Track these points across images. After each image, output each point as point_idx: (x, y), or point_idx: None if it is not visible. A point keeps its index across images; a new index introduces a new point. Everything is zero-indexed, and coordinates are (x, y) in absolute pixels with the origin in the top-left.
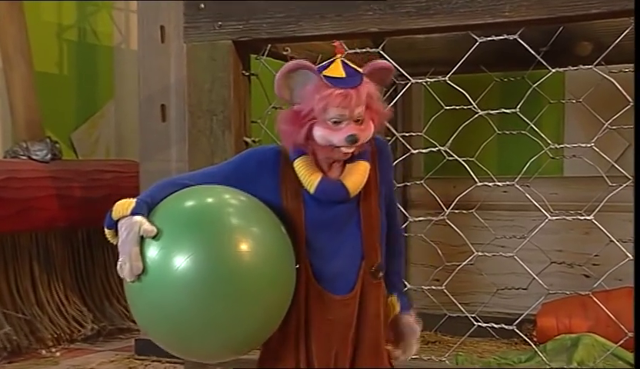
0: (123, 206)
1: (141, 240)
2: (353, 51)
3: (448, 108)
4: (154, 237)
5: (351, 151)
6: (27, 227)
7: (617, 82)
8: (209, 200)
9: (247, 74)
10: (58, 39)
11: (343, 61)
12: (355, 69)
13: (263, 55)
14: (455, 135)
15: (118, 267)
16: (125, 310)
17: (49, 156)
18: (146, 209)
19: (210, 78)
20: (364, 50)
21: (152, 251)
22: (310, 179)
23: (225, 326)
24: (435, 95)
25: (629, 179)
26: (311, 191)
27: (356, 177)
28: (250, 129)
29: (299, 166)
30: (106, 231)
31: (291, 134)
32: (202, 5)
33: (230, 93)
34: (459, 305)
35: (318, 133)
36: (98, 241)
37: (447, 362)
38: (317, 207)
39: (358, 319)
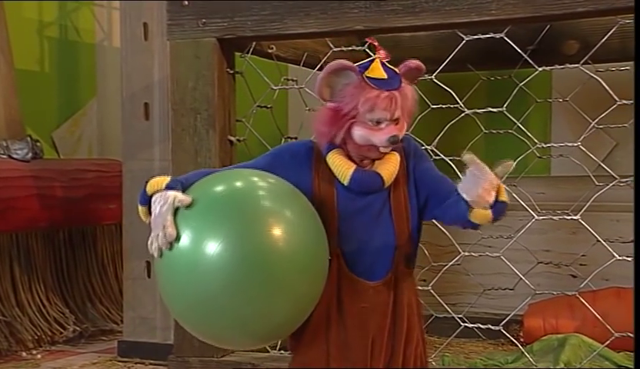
0: (158, 182)
1: (175, 225)
2: (339, 49)
3: (434, 106)
4: (187, 218)
5: (389, 150)
6: (7, 227)
7: (604, 81)
8: (241, 183)
9: (231, 72)
10: (39, 36)
11: (382, 62)
12: (394, 70)
13: (248, 53)
14: (441, 134)
15: (150, 242)
16: (107, 311)
17: (30, 155)
18: (180, 187)
19: (194, 76)
20: (350, 48)
21: (184, 236)
22: (344, 170)
23: (256, 313)
24: (421, 94)
25: (616, 179)
26: (346, 181)
27: (389, 166)
28: (235, 128)
29: (333, 158)
30: (139, 208)
31: (328, 133)
32: (186, 3)
33: (214, 91)
34: (446, 306)
35: (358, 133)
36: (80, 242)
37: (433, 363)
38: (349, 199)
39: (393, 308)
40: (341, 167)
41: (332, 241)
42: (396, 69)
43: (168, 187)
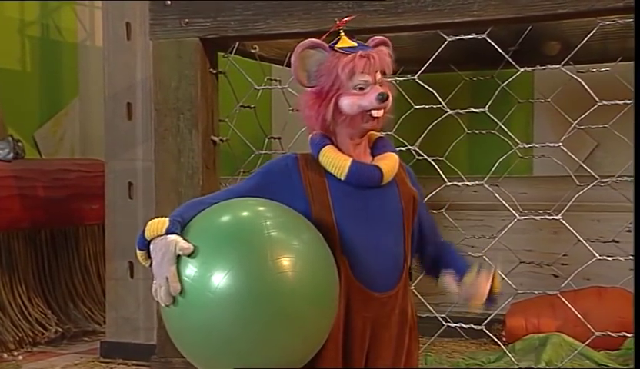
0: (157, 225)
1: (177, 259)
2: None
3: (417, 107)
4: (190, 256)
5: (381, 113)
6: None
7: (585, 82)
8: (246, 213)
9: (214, 72)
10: (21, 35)
11: (348, 35)
12: (362, 42)
13: (231, 53)
14: (424, 134)
15: (153, 291)
16: (89, 312)
17: (11, 155)
18: (179, 228)
19: (177, 76)
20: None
21: (189, 271)
22: (341, 162)
23: (266, 347)
24: (404, 94)
25: (596, 179)
26: (343, 175)
27: (388, 161)
28: (218, 128)
29: (327, 154)
30: (138, 252)
31: (317, 115)
32: (169, 2)
33: (197, 91)
34: (428, 305)
35: (346, 102)
36: (62, 242)
37: None
38: (346, 196)
39: (399, 319)
40: (337, 160)
41: (336, 246)
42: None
43: (168, 232)
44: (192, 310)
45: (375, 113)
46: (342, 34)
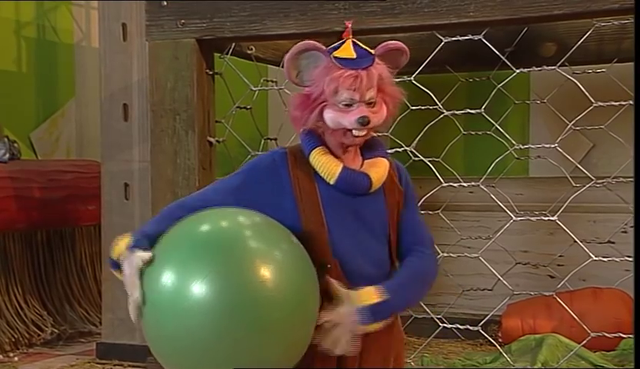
0: (120, 245)
1: (153, 271)
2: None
3: (414, 108)
4: (166, 266)
5: (362, 134)
6: None
7: (580, 83)
8: (224, 223)
9: (211, 73)
10: (17, 36)
11: (354, 42)
12: (367, 50)
13: (227, 54)
14: (420, 135)
15: (129, 305)
16: (85, 313)
17: (7, 156)
18: (146, 241)
19: (173, 77)
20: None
21: (165, 280)
22: (331, 168)
23: (243, 357)
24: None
25: (592, 180)
26: (332, 180)
27: (378, 169)
28: (214, 129)
29: (317, 157)
30: (113, 272)
31: (301, 117)
32: (165, 3)
33: (193, 92)
34: (425, 307)
35: (329, 115)
36: (58, 243)
37: (412, 363)
38: (335, 200)
39: (387, 330)
40: (328, 165)
41: (325, 249)
42: (370, 50)
43: (133, 247)
44: (168, 319)
45: (355, 133)
46: (348, 40)
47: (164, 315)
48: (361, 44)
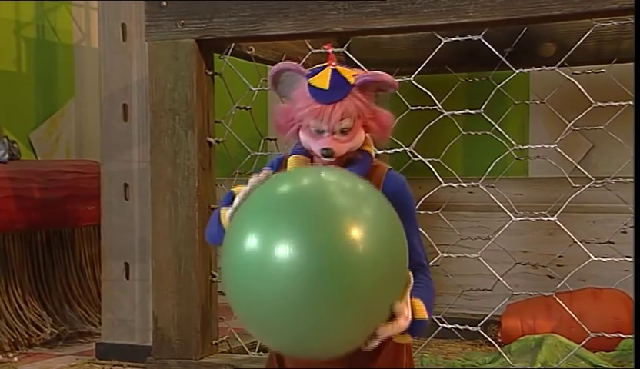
0: (223, 216)
1: (237, 234)
2: (318, 50)
3: (413, 108)
4: (252, 228)
5: (329, 161)
6: None
7: (580, 83)
8: (307, 180)
9: (210, 73)
10: (16, 36)
11: (334, 70)
12: (345, 80)
13: (227, 54)
14: (420, 136)
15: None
16: (85, 313)
17: (7, 156)
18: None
19: (173, 77)
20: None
21: (250, 243)
22: None
23: (329, 325)
24: (400, 96)
25: (592, 180)
26: None
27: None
28: (214, 129)
29: (290, 163)
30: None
31: (281, 129)
32: (164, 3)
33: (193, 92)
34: None
35: (302, 137)
36: (58, 243)
37: None
38: None
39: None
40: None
41: None
42: (350, 78)
43: (226, 205)
44: (254, 283)
45: (324, 160)
46: (328, 67)
47: (249, 280)
48: (342, 72)
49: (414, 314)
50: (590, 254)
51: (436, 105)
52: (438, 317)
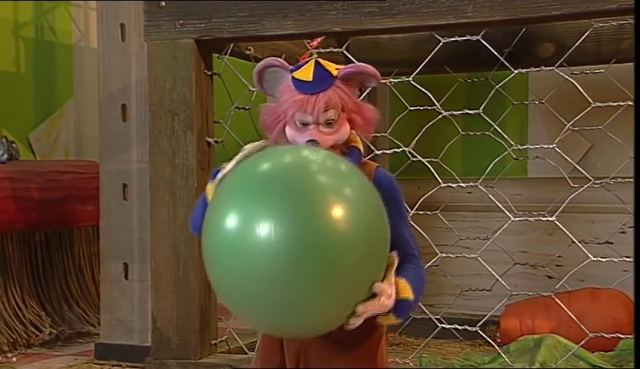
0: (209, 190)
1: (217, 212)
2: (317, 50)
3: (412, 108)
4: (233, 206)
5: None
6: None
7: (578, 83)
8: (288, 158)
9: (209, 73)
10: (15, 36)
11: (317, 62)
12: (329, 72)
13: (226, 54)
14: (419, 136)
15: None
16: (84, 313)
17: (5, 156)
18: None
19: (171, 78)
20: (328, 50)
21: (231, 221)
22: None
23: (313, 302)
24: (399, 96)
25: (590, 180)
26: None
27: None
28: (212, 129)
29: None
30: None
31: (268, 128)
32: (163, 3)
33: (192, 92)
34: (423, 307)
35: (288, 132)
36: (57, 244)
37: (411, 364)
38: None
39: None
40: None
41: None
42: (332, 70)
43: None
44: (235, 262)
45: None
46: (312, 58)
47: (228, 258)
48: (325, 64)
49: (398, 294)
50: (589, 255)
51: (435, 105)
52: (437, 317)
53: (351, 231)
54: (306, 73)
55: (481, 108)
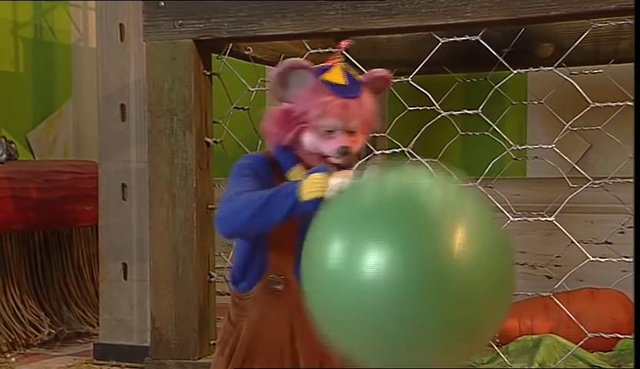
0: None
1: (321, 241)
2: (316, 51)
3: (411, 108)
4: (338, 232)
5: (339, 162)
6: None
7: (577, 84)
8: (399, 180)
9: (208, 73)
10: (14, 36)
11: (343, 67)
12: (355, 77)
13: (224, 55)
14: (418, 136)
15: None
16: (83, 313)
17: (4, 156)
18: None
19: (170, 78)
20: (327, 50)
21: (337, 249)
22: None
23: (427, 344)
24: (398, 96)
25: (589, 180)
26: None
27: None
28: (211, 129)
29: (297, 176)
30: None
31: (276, 134)
32: (162, 3)
33: (191, 93)
34: None
35: (308, 139)
36: (56, 244)
37: None
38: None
39: None
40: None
41: (287, 266)
42: (358, 76)
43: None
44: (340, 295)
45: (333, 160)
46: (338, 62)
47: (335, 291)
48: (349, 70)
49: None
50: (588, 255)
51: (434, 106)
52: None
53: (477, 262)
54: (338, 76)
55: (480, 108)
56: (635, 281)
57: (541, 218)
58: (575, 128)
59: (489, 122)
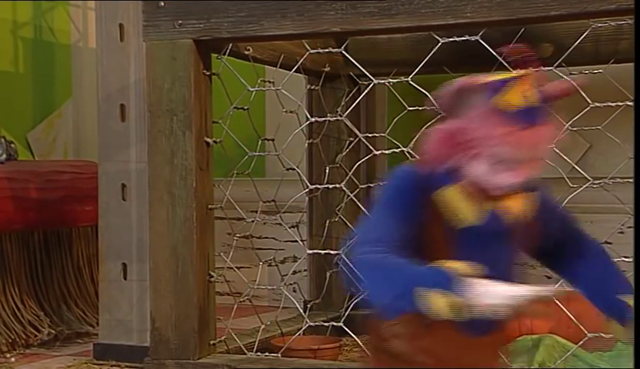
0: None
1: None
2: (316, 51)
3: (411, 108)
4: None
5: (506, 194)
6: None
7: (577, 84)
8: None
9: (208, 73)
10: (13, 36)
11: (524, 87)
12: (535, 99)
13: (224, 55)
14: (417, 136)
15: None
16: (82, 314)
17: (4, 156)
18: None
19: (170, 78)
20: (326, 50)
21: None
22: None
23: None
24: (398, 96)
25: (589, 180)
26: (471, 222)
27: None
28: (211, 129)
29: (454, 197)
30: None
31: (439, 157)
32: (162, 4)
33: (190, 93)
34: None
35: (479, 167)
36: (55, 244)
37: None
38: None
39: None
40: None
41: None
42: (537, 97)
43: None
44: None
45: (499, 192)
46: (520, 80)
47: None
48: (530, 90)
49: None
50: None
51: (434, 106)
52: None
53: None
54: (517, 99)
55: None
56: (635, 281)
57: None
58: (574, 128)
59: None
